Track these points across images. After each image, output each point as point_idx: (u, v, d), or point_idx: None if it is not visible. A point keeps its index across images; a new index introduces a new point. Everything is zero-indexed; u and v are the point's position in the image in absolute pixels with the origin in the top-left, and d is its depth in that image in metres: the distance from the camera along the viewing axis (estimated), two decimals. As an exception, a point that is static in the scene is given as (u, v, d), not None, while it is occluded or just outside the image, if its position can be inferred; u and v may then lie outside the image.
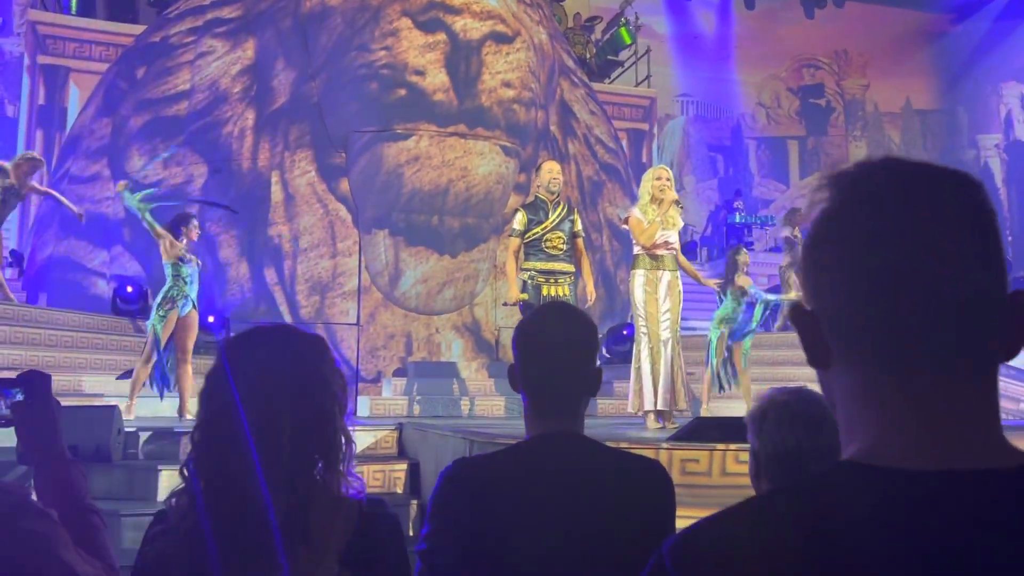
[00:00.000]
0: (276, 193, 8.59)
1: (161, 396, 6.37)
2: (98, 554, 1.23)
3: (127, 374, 6.76)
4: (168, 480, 4.39)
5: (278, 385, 1.22)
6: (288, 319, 8.38)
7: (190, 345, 6.36)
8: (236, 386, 1.21)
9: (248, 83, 8.89)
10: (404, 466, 4.90)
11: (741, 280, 7.32)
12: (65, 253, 9.23)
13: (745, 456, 2.97)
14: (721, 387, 7.29)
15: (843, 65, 19.67)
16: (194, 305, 6.38)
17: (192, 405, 6.12)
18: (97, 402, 5.84)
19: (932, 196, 0.64)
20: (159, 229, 6.39)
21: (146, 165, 8.90)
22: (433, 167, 8.14)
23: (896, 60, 19.09)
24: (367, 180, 8.36)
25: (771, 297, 7.70)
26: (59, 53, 12.33)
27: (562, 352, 1.43)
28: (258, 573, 1.15)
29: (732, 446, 2.88)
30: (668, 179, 5.07)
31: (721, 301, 7.38)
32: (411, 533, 4.45)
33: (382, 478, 4.83)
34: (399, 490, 4.83)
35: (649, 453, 2.77)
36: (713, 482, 2.81)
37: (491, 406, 7.43)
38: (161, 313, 6.26)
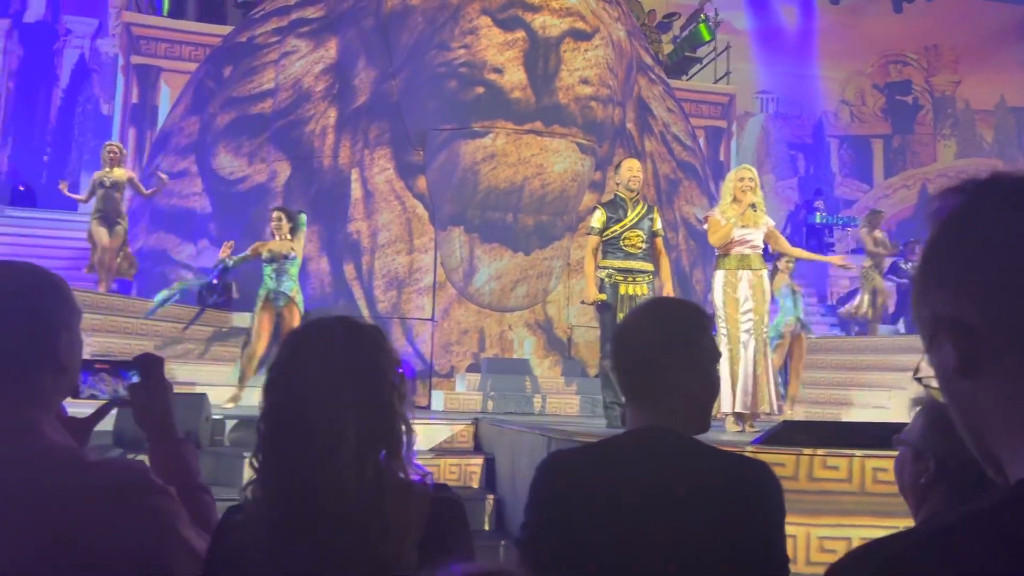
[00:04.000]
0: (356, 190, 8.76)
1: None
2: (208, 530, 1.28)
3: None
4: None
5: (340, 374, 1.23)
6: (366, 313, 8.53)
7: None
8: (299, 377, 1.23)
9: (330, 82, 9.08)
10: (480, 461, 4.94)
11: (781, 279, 7.25)
12: (155, 246, 9.61)
13: (834, 461, 2.91)
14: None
15: (933, 61, 18.96)
16: (288, 299, 6.61)
17: None
18: (189, 390, 6.05)
19: None
20: (252, 251, 6.97)
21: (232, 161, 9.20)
22: (509, 164, 8.17)
23: (989, 55, 18.31)
24: (444, 177, 8.45)
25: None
26: (151, 53, 12.85)
27: (659, 349, 1.42)
28: (337, 562, 1.17)
29: (820, 451, 2.81)
30: (751, 179, 4.98)
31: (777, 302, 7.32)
32: (486, 527, 4.48)
33: (458, 472, 4.87)
34: (475, 484, 4.87)
35: (734, 455, 2.73)
36: (800, 487, 2.75)
37: (564, 404, 7.43)
38: (256, 308, 6.62)
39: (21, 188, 13.67)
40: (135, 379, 1.39)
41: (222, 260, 7.62)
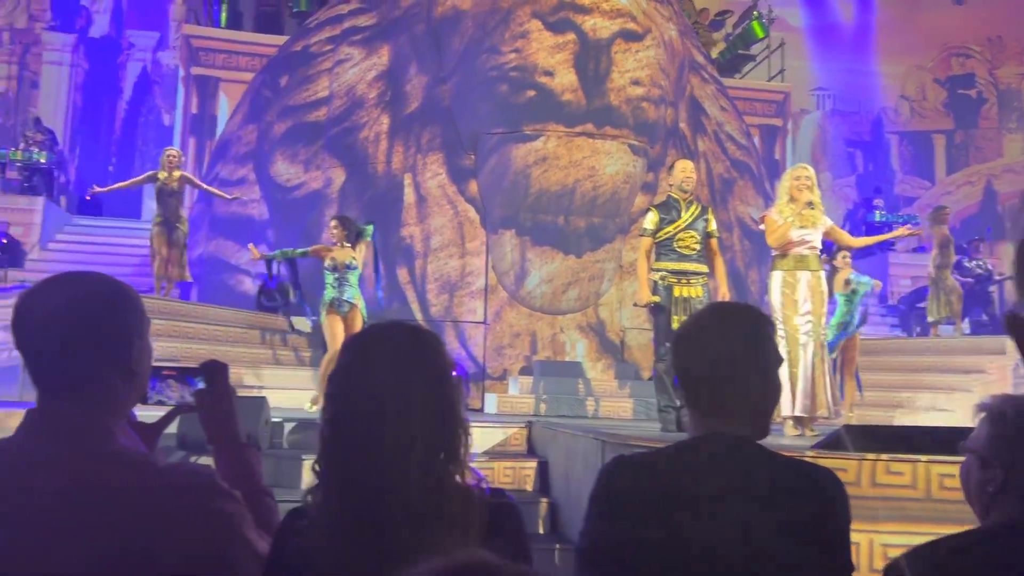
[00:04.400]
0: (408, 195, 8.85)
1: None
2: (270, 533, 1.31)
3: None
4: (311, 469, 4.61)
5: (409, 379, 1.25)
6: (419, 317, 8.62)
7: None
8: (367, 382, 1.25)
9: (383, 88, 9.20)
10: (534, 464, 4.94)
11: (842, 276, 7.07)
12: (214, 252, 9.85)
13: (898, 466, 2.84)
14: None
15: (997, 52, 18.36)
16: (351, 306, 6.73)
17: None
18: (248, 393, 6.19)
19: None
20: (311, 250, 7.15)
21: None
22: (560, 167, 8.16)
23: (1058, 45, 17.65)
24: (495, 181, 8.48)
25: (866, 281, 7.37)
26: (210, 64, 13.19)
27: (722, 355, 1.41)
28: (399, 567, 1.18)
29: (883, 456, 2.75)
30: (808, 178, 4.89)
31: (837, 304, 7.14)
32: (541, 531, 4.48)
33: (512, 475, 4.88)
34: (528, 488, 4.87)
35: (793, 460, 2.68)
36: (862, 493, 2.69)
37: (618, 407, 7.39)
38: (323, 315, 6.79)
39: (87, 197, 14.14)
40: (200, 385, 1.43)
41: (265, 255, 7.76)
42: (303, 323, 8.43)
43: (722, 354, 1.40)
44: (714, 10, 15.00)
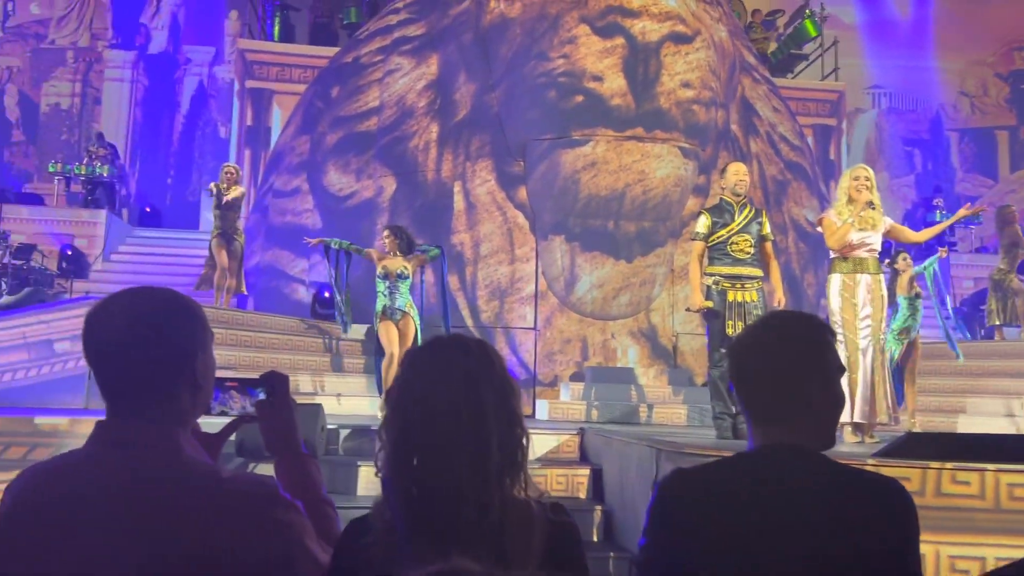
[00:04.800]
0: (458, 202, 8.90)
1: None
2: (331, 542, 1.32)
3: None
4: (366, 475, 4.66)
5: (483, 389, 1.25)
6: (469, 323, 8.65)
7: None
8: (440, 394, 1.25)
9: (432, 97, 9.28)
10: (587, 471, 4.91)
11: (904, 279, 6.87)
12: (270, 261, 10.04)
13: (965, 475, 2.75)
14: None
15: (1062, 45, 17.72)
16: (404, 314, 6.80)
17: None
18: (306, 400, 6.29)
19: None
20: (365, 251, 7.22)
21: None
22: (610, 172, 8.13)
23: None
24: (544, 187, 8.48)
25: (929, 262, 7.16)
26: (264, 77, 13.47)
27: (784, 365, 1.38)
28: None
29: (948, 464, 2.67)
30: (867, 179, 4.80)
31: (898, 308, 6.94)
32: (595, 539, 4.46)
33: (565, 482, 4.87)
34: (582, 495, 4.85)
35: (854, 469, 2.62)
36: (927, 503, 2.61)
37: (671, 414, 7.31)
38: (376, 323, 6.88)
39: (147, 209, 14.56)
40: (262, 396, 1.45)
41: (323, 240, 7.82)
42: (357, 330, 8.53)
43: (782, 365, 1.38)
44: (765, 10, 14.79)
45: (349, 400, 7.36)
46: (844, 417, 4.64)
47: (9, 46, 15.87)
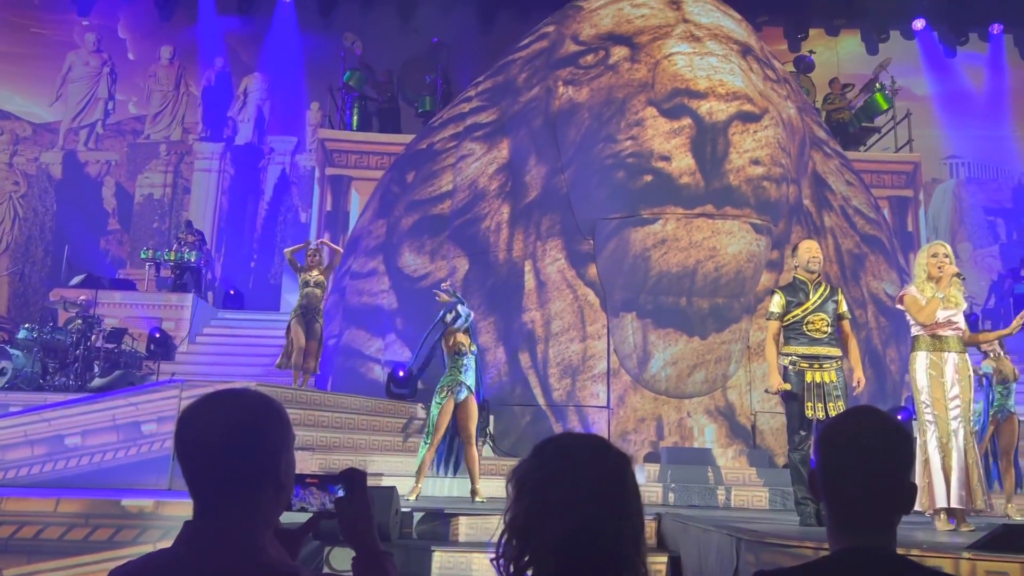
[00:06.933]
0: (529, 281, 9.00)
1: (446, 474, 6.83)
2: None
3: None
4: (440, 560, 4.63)
5: (625, 496, 1.29)
6: (541, 402, 8.63)
7: (472, 429, 6.70)
8: (589, 502, 1.28)
9: (503, 180, 9.51)
10: (664, 559, 4.77)
11: (991, 361, 6.55)
12: (348, 341, 10.26)
13: (1068, 574, 2.58)
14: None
15: None
16: (470, 391, 6.73)
17: (482, 487, 6.47)
18: (377, 481, 6.33)
19: None
20: (452, 327, 7.02)
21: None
22: (680, 249, 8.12)
23: None
24: (614, 264, 8.52)
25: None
26: (343, 164, 14.07)
27: (875, 461, 1.35)
28: None
29: (1049, 561, 2.51)
30: (946, 255, 4.68)
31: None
32: (674, 630, 4.30)
33: (642, 570, 4.73)
34: (659, 584, 4.71)
35: (948, 563, 2.48)
36: (1028, 602, 2.46)
37: (751, 497, 7.07)
38: (438, 400, 6.69)
39: (231, 292, 15.11)
40: (340, 493, 1.49)
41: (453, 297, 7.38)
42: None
43: (865, 469, 1.34)
44: (839, 83, 14.77)
45: (425, 482, 7.34)
46: (940, 502, 4.43)
47: (109, 142, 16.97)
